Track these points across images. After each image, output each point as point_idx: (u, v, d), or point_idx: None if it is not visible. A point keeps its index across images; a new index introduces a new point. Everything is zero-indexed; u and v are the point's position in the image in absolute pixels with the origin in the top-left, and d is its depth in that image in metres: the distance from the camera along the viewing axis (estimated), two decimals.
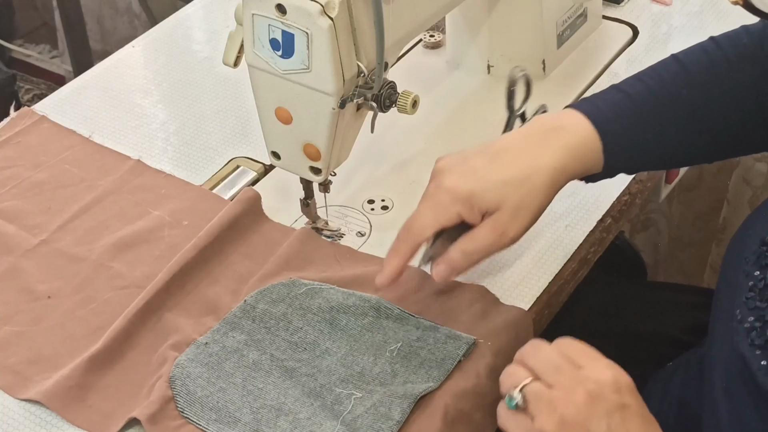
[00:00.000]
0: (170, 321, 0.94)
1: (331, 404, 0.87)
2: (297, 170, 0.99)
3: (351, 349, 0.91)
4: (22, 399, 0.89)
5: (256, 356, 0.90)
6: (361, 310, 0.93)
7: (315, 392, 0.88)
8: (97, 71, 1.28)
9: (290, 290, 0.95)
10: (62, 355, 0.92)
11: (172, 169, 1.12)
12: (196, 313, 0.95)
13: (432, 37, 1.28)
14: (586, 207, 1.05)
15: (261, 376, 0.89)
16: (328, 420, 0.85)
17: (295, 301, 0.94)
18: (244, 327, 0.92)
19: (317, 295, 0.94)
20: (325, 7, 0.86)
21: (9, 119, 1.18)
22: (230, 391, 0.88)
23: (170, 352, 0.90)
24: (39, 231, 1.03)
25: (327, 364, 0.90)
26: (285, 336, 0.92)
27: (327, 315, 0.93)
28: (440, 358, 0.89)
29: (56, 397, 0.88)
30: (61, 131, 1.16)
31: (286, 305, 0.94)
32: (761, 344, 0.78)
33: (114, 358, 0.91)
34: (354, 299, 0.93)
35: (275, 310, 0.93)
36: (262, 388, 0.88)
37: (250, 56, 0.92)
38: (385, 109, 0.93)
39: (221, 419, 0.86)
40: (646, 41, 1.26)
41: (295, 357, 0.90)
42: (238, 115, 1.20)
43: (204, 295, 0.96)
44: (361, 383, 0.88)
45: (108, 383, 0.90)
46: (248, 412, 0.86)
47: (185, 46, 1.31)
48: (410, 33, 0.99)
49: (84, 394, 0.88)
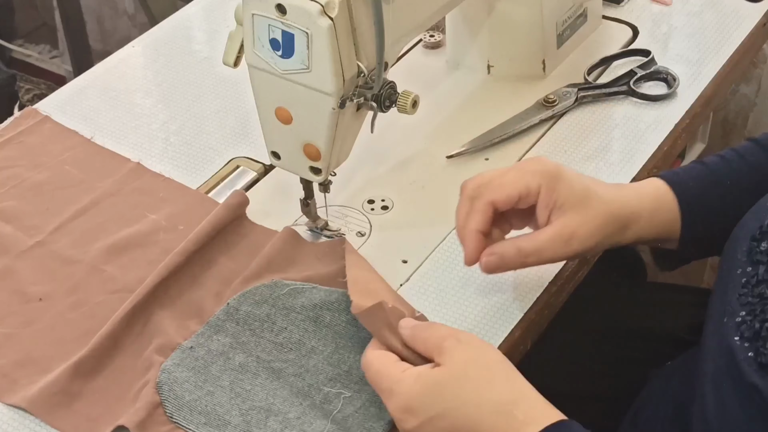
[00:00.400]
0: (155, 325, 0.93)
1: (320, 403, 0.87)
2: (297, 170, 0.99)
3: (337, 347, 0.91)
4: (7, 404, 0.89)
5: (242, 358, 0.90)
6: (344, 306, 0.92)
7: (303, 392, 0.88)
8: (97, 71, 1.28)
9: (273, 291, 0.95)
10: (51, 358, 0.91)
11: (172, 168, 1.13)
12: (180, 317, 0.94)
13: (432, 37, 1.28)
14: None
15: (248, 378, 0.89)
16: (318, 419, 0.86)
17: (279, 302, 0.94)
18: (228, 330, 0.92)
19: (300, 294, 0.94)
20: (325, 7, 0.86)
21: (12, 119, 1.18)
22: (218, 394, 0.88)
23: (155, 357, 0.90)
24: (35, 232, 1.03)
25: (314, 363, 0.90)
26: (270, 337, 0.92)
27: (311, 313, 0.93)
28: None
29: (41, 403, 0.88)
30: (63, 132, 1.16)
31: (269, 306, 0.94)
32: (750, 336, 0.78)
33: (101, 363, 0.91)
34: (336, 295, 0.93)
35: (259, 312, 0.93)
36: (249, 389, 0.88)
37: (250, 56, 0.92)
38: (385, 109, 0.93)
39: (210, 422, 0.86)
40: (646, 41, 1.26)
41: (281, 357, 0.90)
42: (238, 115, 1.20)
43: (188, 299, 0.96)
44: (349, 382, 0.88)
45: (94, 388, 0.89)
46: (237, 414, 0.86)
47: (185, 46, 1.31)
48: (410, 33, 0.99)
49: (70, 400, 0.88)
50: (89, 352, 0.91)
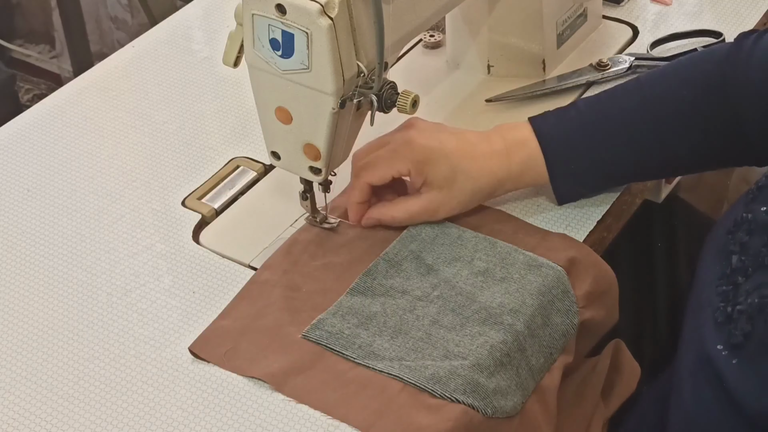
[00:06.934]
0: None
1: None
2: (297, 170, 0.99)
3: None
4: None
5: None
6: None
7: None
8: (97, 71, 1.28)
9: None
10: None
11: (172, 168, 1.13)
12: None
13: (432, 37, 1.28)
14: (586, 207, 1.05)
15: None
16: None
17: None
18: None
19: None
20: (325, 7, 0.86)
21: None
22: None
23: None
24: None
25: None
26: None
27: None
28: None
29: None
30: None
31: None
32: (723, 321, 0.81)
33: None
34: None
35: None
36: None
37: (250, 56, 0.92)
38: (386, 110, 0.93)
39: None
40: (646, 41, 1.26)
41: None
42: (238, 115, 1.20)
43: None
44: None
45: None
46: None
47: (185, 46, 1.31)
48: (410, 33, 0.99)
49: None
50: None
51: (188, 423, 0.87)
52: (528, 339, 0.91)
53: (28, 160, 1.16)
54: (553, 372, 0.92)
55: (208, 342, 0.93)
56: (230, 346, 0.93)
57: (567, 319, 0.94)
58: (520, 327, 0.91)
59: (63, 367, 0.93)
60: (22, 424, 0.89)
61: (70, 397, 0.90)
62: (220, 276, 1.00)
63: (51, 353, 0.94)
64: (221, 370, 0.91)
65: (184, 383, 0.91)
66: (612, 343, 1.01)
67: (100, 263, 1.03)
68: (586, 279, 0.97)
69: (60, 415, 0.89)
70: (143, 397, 0.90)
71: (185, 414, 0.88)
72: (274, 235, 1.04)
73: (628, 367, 1.00)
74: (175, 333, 0.95)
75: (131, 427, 0.87)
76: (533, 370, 0.90)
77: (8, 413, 0.89)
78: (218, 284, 1.00)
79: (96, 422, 0.88)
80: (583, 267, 0.97)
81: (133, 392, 0.90)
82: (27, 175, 1.14)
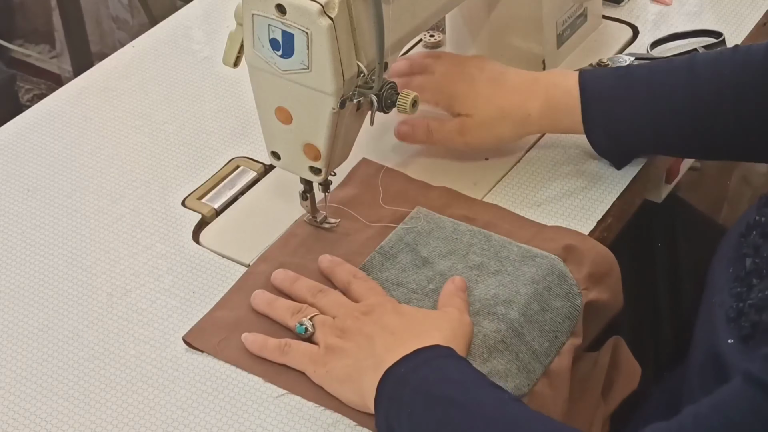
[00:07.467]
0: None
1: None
2: (297, 170, 0.99)
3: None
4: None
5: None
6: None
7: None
8: (97, 71, 1.28)
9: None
10: None
11: (172, 168, 1.13)
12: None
13: (432, 37, 1.28)
14: (586, 207, 1.05)
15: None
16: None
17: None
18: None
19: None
20: (325, 7, 0.86)
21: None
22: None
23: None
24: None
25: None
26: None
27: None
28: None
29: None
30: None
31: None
32: (734, 317, 0.82)
33: None
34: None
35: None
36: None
37: (250, 56, 0.92)
38: (386, 110, 0.93)
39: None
40: (646, 41, 1.26)
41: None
42: (238, 115, 1.20)
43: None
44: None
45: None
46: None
47: (185, 46, 1.31)
48: (410, 33, 0.99)
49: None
50: None
51: (188, 423, 0.87)
52: (525, 325, 0.91)
53: (28, 160, 1.16)
54: (562, 355, 0.92)
55: (203, 332, 0.94)
56: (224, 336, 0.93)
57: (568, 301, 0.94)
58: (514, 315, 0.91)
59: (63, 367, 0.93)
60: (22, 424, 0.89)
61: (70, 397, 0.90)
62: (220, 276, 1.00)
63: (51, 353, 0.94)
64: (221, 370, 0.91)
65: (184, 383, 0.91)
66: (611, 339, 1.01)
67: (100, 263, 1.03)
68: (585, 262, 0.97)
69: (60, 415, 0.89)
70: (143, 397, 0.90)
71: (185, 414, 0.88)
72: (274, 235, 1.04)
73: (627, 365, 1.00)
74: (175, 333, 0.95)
75: (131, 426, 0.88)
76: (537, 354, 0.90)
77: (8, 413, 0.90)
78: (218, 284, 1.00)
79: (96, 422, 0.88)
80: (580, 251, 0.98)
81: (133, 392, 0.90)
82: (27, 175, 1.14)
